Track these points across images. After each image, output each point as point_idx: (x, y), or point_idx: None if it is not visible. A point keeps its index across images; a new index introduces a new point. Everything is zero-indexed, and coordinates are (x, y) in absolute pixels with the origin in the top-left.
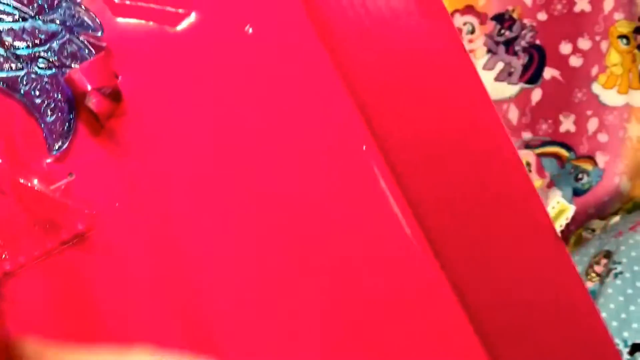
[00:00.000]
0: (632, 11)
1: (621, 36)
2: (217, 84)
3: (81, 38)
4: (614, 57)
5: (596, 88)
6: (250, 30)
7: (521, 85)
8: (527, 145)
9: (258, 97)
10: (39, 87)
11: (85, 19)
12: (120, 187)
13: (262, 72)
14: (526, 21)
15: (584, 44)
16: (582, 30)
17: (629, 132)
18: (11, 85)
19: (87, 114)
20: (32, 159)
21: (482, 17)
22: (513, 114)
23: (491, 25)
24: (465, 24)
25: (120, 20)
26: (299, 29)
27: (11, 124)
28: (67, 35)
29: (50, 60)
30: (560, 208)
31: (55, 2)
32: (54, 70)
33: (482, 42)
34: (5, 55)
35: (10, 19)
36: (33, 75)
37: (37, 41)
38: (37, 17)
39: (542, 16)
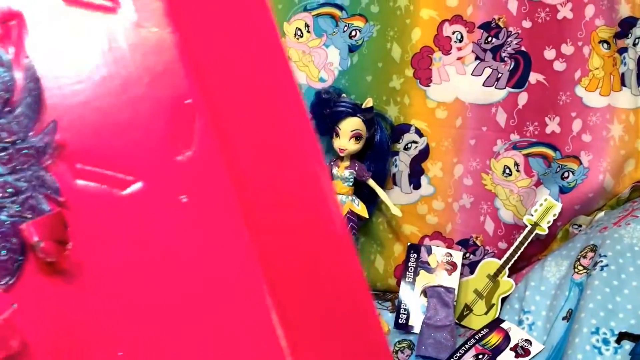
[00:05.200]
0: (612, 17)
1: (602, 41)
2: (150, 241)
3: (41, 196)
4: (595, 61)
5: (579, 91)
6: (184, 199)
7: (508, 89)
8: (515, 147)
9: (180, 256)
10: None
11: (48, 180)
12: (57, 315)
13: (188, 235)
14: (512, 29)
15: (567, 49)
16: (565, 37)
17: (612, 132)
18: None
19: (36, 257)
20: None
21: (469, 26)
22: (501, 117)
23: (478, 34)
24: (454, 32)
25: (78, 182)
26: (224, 203)
27: None
28: (31, 192)
29: (13, 210)
30: (547, 205)
31: (25, 165)
32: (15, 219)
33: (471, 49)
34: None
35: None
36: None
37: (5, 194)
38: (10, 174)
39: (526, 24)
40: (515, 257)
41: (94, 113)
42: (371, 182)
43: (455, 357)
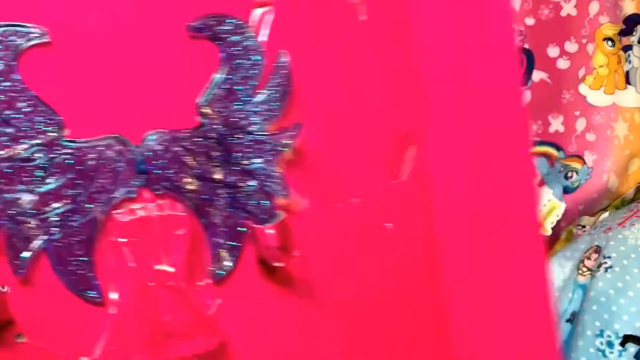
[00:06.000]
0: (617, 15)
1: (606, 39)
2: (356, 258)
3: (269, 196)
4: (600, 59)
5: (583, 89)
6: (389, 226)
7: None
8: None
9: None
10: (222, 220)
11: (279, 181)
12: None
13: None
14: (514, 26)
15: (571, 47)
16: (569, 34)
17: (616, 131)
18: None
19: (251, 257)
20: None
21: None
22: None
23: None
24: None
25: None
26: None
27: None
28: (257, 186)
29: (238, 200)
30: (551, 206)
31: (259, 159)
32: (235, 210)
33: None
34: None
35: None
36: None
37: (242, 182)
38: (244, 165)
39: (529, 21)
40: None
41: (326, 123)
42: None
43: None
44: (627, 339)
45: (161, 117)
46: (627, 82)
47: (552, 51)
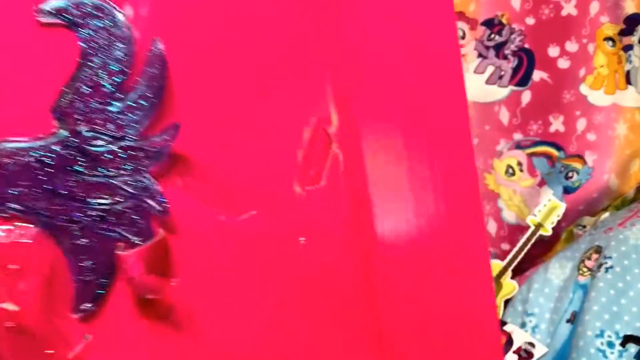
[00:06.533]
0: (617, 14)
1: (607, 38)
2: (260, 280)
3: (143, 212)
4: (600, 59)
5: (584, 89)
6: (303, 241)
7: (511, 87)
8: (518, 146)
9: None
10: (88, 244)
11: (155, 194)
12: None
13: (304, 285)
14: (515, 26)
15: (572, 46)
16: (570, 34)
17: (617, 131)
18: (62, 233)
19: (123, 286)
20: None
21: (472, 23)
22: (504, 116)
23: (481, 31)
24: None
25: (187, 199)
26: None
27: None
28: (133, 205)
29: (108, 223)
30: (551, 206)
31: (129, 170)
32: (108, 234)
33: (473, 46)
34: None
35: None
36: (86, 231)
37: (101, 199)
38: (110, 178)
39: (530, 20)
40: (519, 259)
41: (219, 119)
42: None
43: None
44: (627, 339)
45: (8, 124)
46: (628, 82)
47: (553, 51)
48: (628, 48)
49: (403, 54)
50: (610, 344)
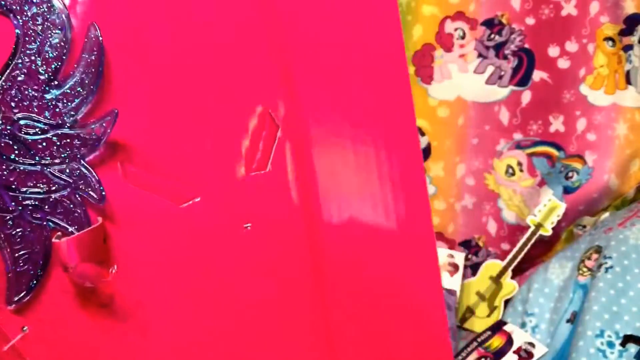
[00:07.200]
0: (618, 14)
1: (607, 38)
2: (204, 268)
3: (80, 200)
4: (600, 59)
5: (584, 89)
6: (248, 228)
7: (511, 87)
8: (518, 146)
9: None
10: (21, 234)
11: (92, 182)
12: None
13: (250, 265)
14: (515, 26)
15: (572, 46)
16: (570, 34)
17: (617, 131)
18: None
19: (60, 276)
20: None
21: (472, 23)
22: (504, 116)
23: (481, 31)
24: (456, 29)
25: (127, 188)
26: (295, 236)
27: None
28: (69, 193)
29: (42, 211)
30: (551, 206)
31: (66, 158)
32: (43, 222)
33: (473, 46)
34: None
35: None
36: (21, 220)
37: (36, 188)
38: (46, 166)
39: (530, 20)
40: (519, 259)
41: (161, 106)
42: None
43: None
44: (627, 339)
45: None
46: (628, 82)
47: (553, 51)
48: (628, 48)
49: (348, 44)
50: (611, 344)
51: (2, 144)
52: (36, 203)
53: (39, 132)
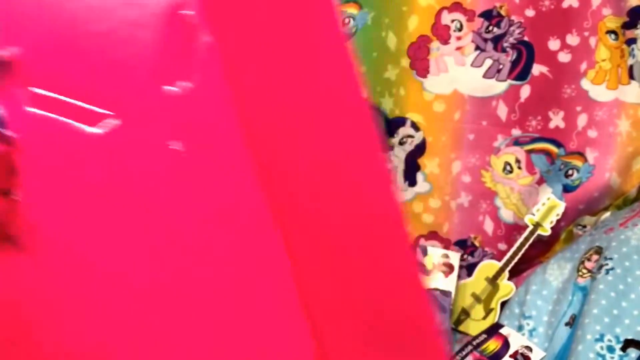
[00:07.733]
0: (620, 6)
1: (609, 31)
2: (126, 191)
3: None
4: (602, 53)
5: (585, 84)
6: (176, 147)
7: (510, 81)
8: (517, 142)
9: (166, 220)
10: None
11: None
12: None
13: (177, 196)
14: (514, 18)
15: (573, 39)
16: (571, 26)
17: (619, 127)
18: None
19: None
20: None
21: (469, 14)
22: (502, 111)
23: (479, 22)
24: (453, 21)
25: (33, 112)
26: (230, 154)
27: None
28: None
29: None
30: (550, 204)
31: None
32: None
33: (470, 39)
34: None
35: None
36: None
37: None
38: None
39: (530, 12)
40: (516, 259)
41: (60, 18)
42: None
43: None
44: (628, 344)
45: None
46: (631, 76)
47: (553, 44)
48: (631, 41)
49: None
50: (611, 349)
51: None
52: None
53: None
